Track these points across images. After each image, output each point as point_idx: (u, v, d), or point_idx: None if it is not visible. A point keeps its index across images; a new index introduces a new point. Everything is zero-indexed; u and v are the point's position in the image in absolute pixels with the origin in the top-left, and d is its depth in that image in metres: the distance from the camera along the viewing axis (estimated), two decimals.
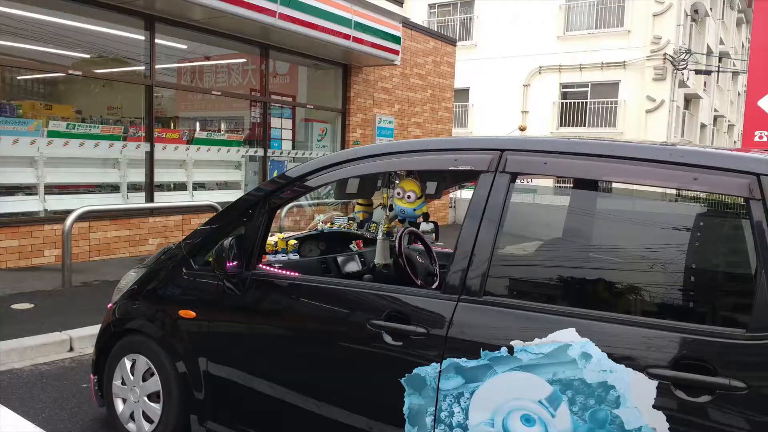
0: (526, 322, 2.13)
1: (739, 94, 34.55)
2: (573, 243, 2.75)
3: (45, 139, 7.26)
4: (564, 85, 22.07)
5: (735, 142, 34.48)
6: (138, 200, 8.36)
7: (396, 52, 11.06)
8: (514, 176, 2.31)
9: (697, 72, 22.55)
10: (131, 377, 3.13)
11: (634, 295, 2.29)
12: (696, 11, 21.77)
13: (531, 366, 2.06)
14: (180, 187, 9.20)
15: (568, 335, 2.03)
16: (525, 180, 2.69)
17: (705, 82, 25.78)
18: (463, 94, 22.52)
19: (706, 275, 2.29)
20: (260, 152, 10.20)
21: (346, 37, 9.75)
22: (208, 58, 9.93)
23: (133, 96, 8.61)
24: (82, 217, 6.67)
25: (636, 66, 20.41)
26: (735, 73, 31.18)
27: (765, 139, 7.78)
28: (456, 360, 2.19)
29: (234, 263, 2.72)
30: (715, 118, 30.39)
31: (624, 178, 2.19)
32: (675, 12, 20.06)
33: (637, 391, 1.91)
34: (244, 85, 10.28)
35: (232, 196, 9.24)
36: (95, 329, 4.11)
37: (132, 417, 3.14)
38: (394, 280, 2.82)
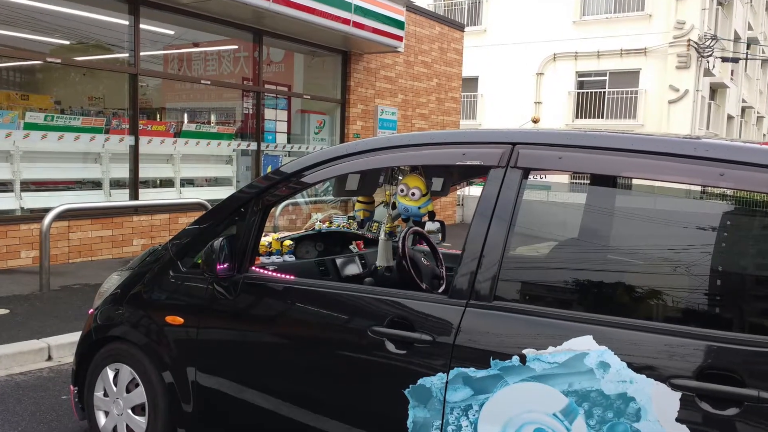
0: (540, 328, 2.13)
1: None
2: (590, 244, 2.75)
3: (21, 131, 7.27)
4: (580, 74, 22.05)
5: (764, 135, 34.45)
6: (121, 198, 8.37)
7: (399, 38, 11.07)
8: (526, 172, 2.31)
9: (724, 59, 22.52)
10: (114, 388, 3.14)
11: (655, 299, 2.29)
12: None
13: (545, 376, 2.06)
14: (167, 183, 9.22)
15: (584, 343, 2.03)
16: (538, 176, 2.69)
17: (732, 71, 25.74)
18: (471, 83, 22.54)
19: (734, 278, 2.29)
20: (253, 146, 10.21)
21: (346, 21, 9.76)
22: (196, 45, 9.94)
23: (116, 85, 8.62)
24: (62, 216, 6.68)
25: (658, 53, 20.38)
26: (764, 61, 31.13)
27: None
28: (464, 370, 2.19)
29: (225, 265, 2.73)
30: (743, 109, 30.37)
31: (645, 173, 2.18)
32: None
33: (659, 404, 1.91)
34: (235, 74, 10.29)
35: (222, 193, 9.26)
36: (75, 336, 4.12)
37: (115, 431, 3.15)
38: (396, 284, 2.82)
